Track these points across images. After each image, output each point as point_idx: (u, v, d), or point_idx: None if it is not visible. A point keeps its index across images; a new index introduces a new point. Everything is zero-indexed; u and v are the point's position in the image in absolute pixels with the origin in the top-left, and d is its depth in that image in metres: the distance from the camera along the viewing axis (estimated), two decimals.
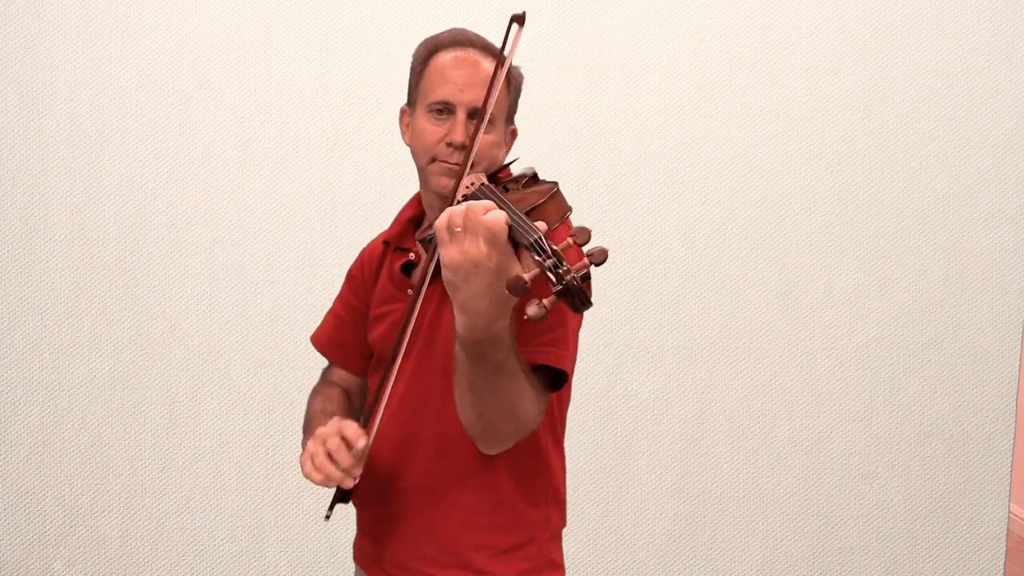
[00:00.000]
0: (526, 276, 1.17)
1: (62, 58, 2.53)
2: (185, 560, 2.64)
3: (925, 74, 2.66)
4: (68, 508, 2.61)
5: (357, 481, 1.40)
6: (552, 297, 1.15)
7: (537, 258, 1.19)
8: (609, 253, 1.17)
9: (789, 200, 2.67)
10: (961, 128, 2.67)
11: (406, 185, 1.59)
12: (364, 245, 1.71)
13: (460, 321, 1.24)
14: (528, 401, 1.33)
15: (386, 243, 1.63)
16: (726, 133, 2.65)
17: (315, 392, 1.71)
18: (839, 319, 2.70)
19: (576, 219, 1.57)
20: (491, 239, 1.19)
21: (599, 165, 2.63)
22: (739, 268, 2.68)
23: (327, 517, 1.50)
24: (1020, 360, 2.73)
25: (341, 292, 1.72)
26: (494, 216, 1.19)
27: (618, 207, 2.64)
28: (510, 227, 1.22)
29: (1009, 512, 2.75)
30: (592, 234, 1.19)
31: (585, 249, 1.19)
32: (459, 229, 1.20)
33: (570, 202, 1.34)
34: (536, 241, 1.19)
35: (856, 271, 2.69)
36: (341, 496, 1.47)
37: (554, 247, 1.19)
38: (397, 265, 1.56)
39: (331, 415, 1.58)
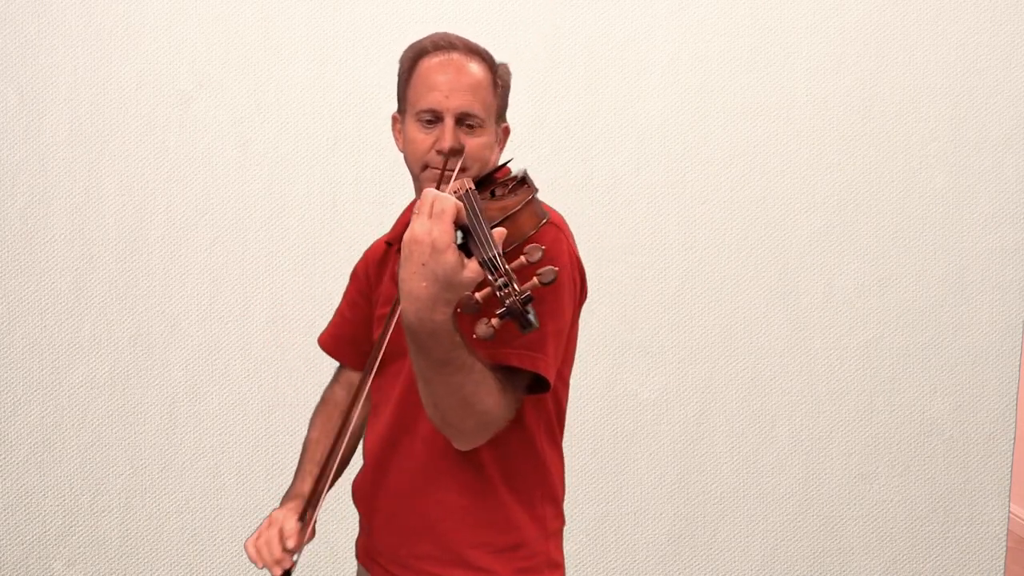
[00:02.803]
0: (478, 295, 1.20)
1: (62, 58, 2.53)
2: (185, 560, 2.64)
3: (925, 74, 2.66)
4: (68, 508, 2.61)
5: (289, 568, 1.50)
6: (496, 317, 1.18)
7: (490, 276, 1.20)
8: (556, 273, 1.20)
9: (789, 200, 2.67)
10: (961, 128, 2.67)
11: (406, 185, 1.59)
12: (364, 245, 1.72)
13: (401, 306, 1.26)
14: (487, 398, 1.33)
15: (388, 244, 1.63)
16: (726, 133, 2.65)
17: (322, 404, 1.76)
18: (839, 319, 2.70)
19: (576, 219, 1.57)
20: (438, 215, 1.21)
21: (599, 165, 2.63)
22: (739, 268, 2.68)
23: None
24: (1020, 360, 2.73)
25: (346, 291, 1.73)
26: (444, 196, 1.23)
27: (618, 207, 2.64)
28: (472, 238, 1.23)
29: (1009, 512, 2.75)
30: (545, 253, 1.22)
31: (538, 269, 1.20)
32: (416, 213, 1.24)
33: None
34: (490, 259, 1.20)
35: (856, 271, 2.69)
36: None
37: (508, 267, 1.19)
38: (398, 267, 1.56)
39: (317, 463, 1.66)
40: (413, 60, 1.52)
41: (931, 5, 2.64)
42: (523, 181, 1.42)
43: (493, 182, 1.46)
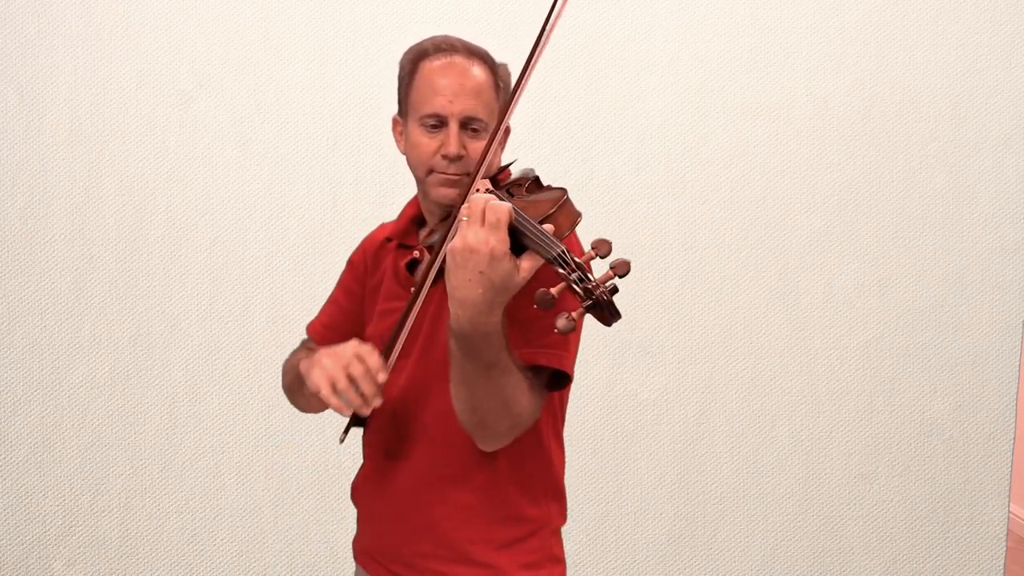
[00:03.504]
0: (553, 290, 1.20)
1: (62, 58, 2.53)
2: (185, 560, 2.64)
3: (925, 74, 2.66)
4: (68, 508, 2.61)
5: (375, 407, 1.37)
6: (580, 310, 1.19)
7: (561, 271, 1.21)
8: (630, 265, 1.21)
9: (789, 200, 2.67)
10: (961, 128, 2.67)
11: (406, 185, 1.59)
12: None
13: (452, 312, 1.27)
14: (523, 398, 1.35)
15: (388, 239, 1.63)
16: (726, 133, 2.65)
17: (297, 351, 1.70)
18: (839, 319, 2.69)
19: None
20: (493, 224, 1.22)
21: (599, 165, 2.63)
22: (739, 268, 2.68)
23: (342, 440, 1.49)
24: (1020, 360, 2.73)
25: (341, 278, 1.72)
26: (497, 203, 1.24)
27: (618, 207, 2.64)
28: (528, 238, 1.25)
29: (1009, 512, 2.75)
30: (612, 245, 1.22)
31: (608, 261, 1.21)
32: (465, 218, 1.25)
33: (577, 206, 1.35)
34: (560, 255, 1.22)
35: (856, 271, 2.69)
36: (357, 421, 1.45)
37: (577, 260, 1.21)
38: (402, 263, 1.56)
39: None
40: (414, 63, 1.51)
41: (931, 5, 2.64)
42: (538, 181, 1.43)
43: (499, 184, 1.46)
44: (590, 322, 1.57)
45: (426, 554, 1.51)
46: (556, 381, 1.44)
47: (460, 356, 1.30)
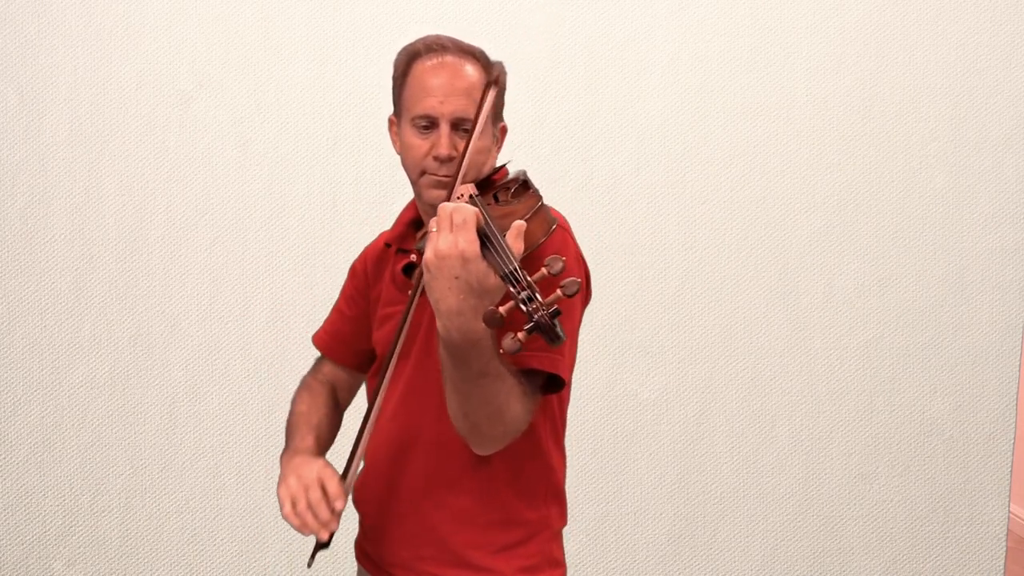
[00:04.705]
0: (501, 309, 1.18)
1: (62, 58, 2.53)
2: (185, 560, 2.64)
3: (925, 74, 2.66)
4: (68, 508, 2.61)
5: (334, 533, 1.42)
6: (524, 332, 1.17)
7: (512, 289, 1.19)
8: (580, 284, 1.18)
9: (789, 200, 2.67)
10: (961, 128, 2.67)
11: (406, 185, 1.59)
12: (364, 244, 1.72)
13: (439, 323, 1.25)
14: (516, 404, 1.33)
15: (387, 244, 1.63)
16: (726, 133, 2.65)
17: (303, 387, 1.72)
18: (839, 319, 2.70)
19: (576, 220, 1.57)
20: (460, 225, 1.21)
21: (599, 165, 2.63)
22: (739, 268, 2.68)
23: (309, 564, 1.54)
24: (1020, 360, 2.73)
25: (344, 287, 1.73)
26: (463, 205, 1.22)
27: (618, 207, 2.64)
28: (488, 249, 1.22)
29: (1009, 512, 2.75)
30: (565, 263, 1.20)
31: (560, 280, 1.19)
32: (434, 229, 1.23)
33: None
34: (511, 272, 1.19)
35: (856, 271, 2.69)
36: (321, 545, 1.48)
37: (529, 279, 1.18)
38: (399, 267, 1.56)
39: (314, 427, 1.61)
40: (406, 63, 1.50)
41: (931, 5, 2.64)
42: (525, 184, 1.41)
43: (493, 185, 1.46)
44: (588, 320, 1.57)
45: (425, 558, 1.51)
46: (551, 384, 1.43)
47: (451, 366, 1.29)
